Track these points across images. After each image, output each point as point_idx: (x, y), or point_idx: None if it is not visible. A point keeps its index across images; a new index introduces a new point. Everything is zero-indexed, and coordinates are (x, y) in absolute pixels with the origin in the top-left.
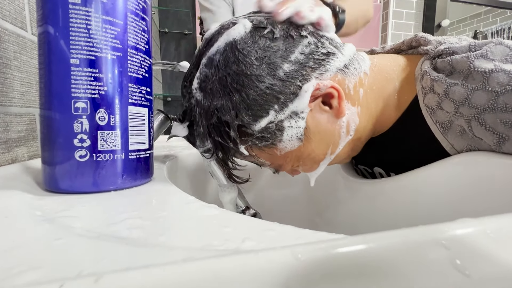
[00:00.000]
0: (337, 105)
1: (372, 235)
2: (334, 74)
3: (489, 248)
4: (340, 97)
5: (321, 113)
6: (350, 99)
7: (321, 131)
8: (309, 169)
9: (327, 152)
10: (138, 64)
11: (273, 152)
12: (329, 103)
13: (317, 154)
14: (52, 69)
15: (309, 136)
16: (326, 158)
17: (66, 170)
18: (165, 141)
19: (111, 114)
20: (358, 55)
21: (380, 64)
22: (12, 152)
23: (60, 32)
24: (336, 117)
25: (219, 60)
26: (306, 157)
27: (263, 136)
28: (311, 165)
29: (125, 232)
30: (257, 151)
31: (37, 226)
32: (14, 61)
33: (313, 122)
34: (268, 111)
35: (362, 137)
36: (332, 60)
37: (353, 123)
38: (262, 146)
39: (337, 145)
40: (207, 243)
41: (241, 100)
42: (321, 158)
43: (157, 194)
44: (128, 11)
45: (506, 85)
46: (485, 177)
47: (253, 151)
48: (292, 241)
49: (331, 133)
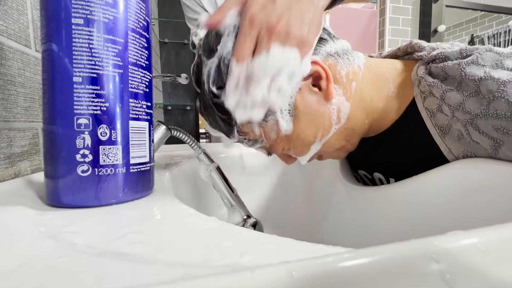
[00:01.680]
0: (325, 87)
1: (364, 250)
2: (325, 58)
3: (479, 261)
4: (328, 79)
5: (311, 94)
6: (342, 86)
7: (310, 111)
8: (299, 152)
9: (317, 135)
10: (139, 80)
11: (263, 130)
12: (319, 85)
13: (307, 135)
14: (56, 86)
15: (298, 115)
16: (316, 142)
17: (69, 185)
18: (166, 151)
19: (113, 129)
20: (353, 52)
21: (376, 64)
22: (15, 167)
23: (64, 51)
24: (325, 99)
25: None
26: (296, 138)
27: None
28: (301, 147)
29: (126, 248)
30: (249, 127)
31: (41, 243)
32: (18, 77)
33: (302, 101)
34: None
35: (356, 129)
36: (323, 45)
37: (344, 108)
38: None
39: (328, 130)
40: (206, 258)
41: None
42: (311, 140)
43: (158, 207)
44: (129, 30)
45: (495, 92)
46: (483, 184)
47: (246, 128)
48: (290, 255)
49: (320, 115)
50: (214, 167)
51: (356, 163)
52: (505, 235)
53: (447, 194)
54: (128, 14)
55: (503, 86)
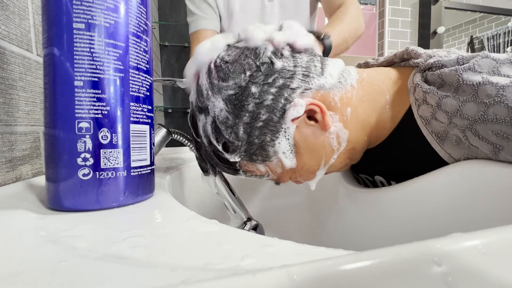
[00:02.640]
0: (321, 119)
1: (365, 253)
2: (316, 91)
3: (480, 264)
4: (323, 111)
5: (307, 128)
6: (337, 111)
7: (310, 144)
8: (306, 179)
9: (320, 163)
10: (139, 84)
11: (269, 168)
12: (314, 118)
13: (311, 166)
14: (57, 90)
15: (299, 150)
16: (321, 168)
17: (70, 188)
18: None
19: (114, 133)
20: (345, 70)
21: (370, 77)
22: (17, 171)
23: (65, 55)
24: (322, 130)
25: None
26: (300, 170)
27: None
28: (307, 175)
29: (127, 251)
30: (254, 167)
31: (42, 248)
32: (19, 81)
33: (301, 137)
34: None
35: (357, 147)
36: (314, 78)
37: (343, 134)
38: (257, 163)
39: (330, 156)
40: (207, 262)
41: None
42: (315, 169)
43: (159, 210)
44: (130, 34)
45: (494, 97)
46: (483, 185)
47: (251, 168)
48: (291, 258)
49: (321, 145)
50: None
51: (357, 168)
52: (506, 237)
53: (448, 195)
54: (129, 18)
55: (502, 91)
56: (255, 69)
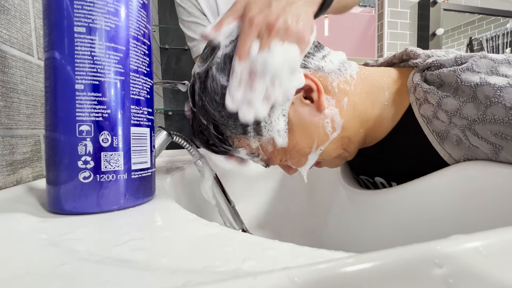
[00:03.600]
0: (317, 98)
1: (366, 255)
2: (315, 71)
3: (482, 265)
4: (319, 91)
5: (303, 106)
6: (334, 96)
7: (304, 123)
8: (297, 163)
9: (312, 145)
10: (140, 87)
11: (260, 145)
12: (310, 97)
13: (302, 147)
14: (58, 93)
15: (292, 128)
16: (312, 152)
17: (70, 191)
18: (167, 156)
19: (114, 136)
20: (346, 62)
21: (370, 72)
22: (17, 174)
23: (66, 58)
24: (317, 110)
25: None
26: (291, 150)
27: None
28: (298, 158)
29: (128, 255)
30: (246, 142)
31: (43, 251)
32: (20, 85)
33: (295, 114)
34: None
35: (352, 138)
36: (313, 58)
37: (338, 119)
38: (248, 136)
39: (323, 140)
40: (207, 264)
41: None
42: (306, 151)
43: (159, 213)
44: (130, 37)
45: (492, 97)
46: (484, 186)
47: (243, 143)
48: (292, 260)
49: (314, 126)
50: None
51: (357, 169)
52: (507, 239)
53: (448, 196)
54: (130, 22)
55: (499, 92)
56: None
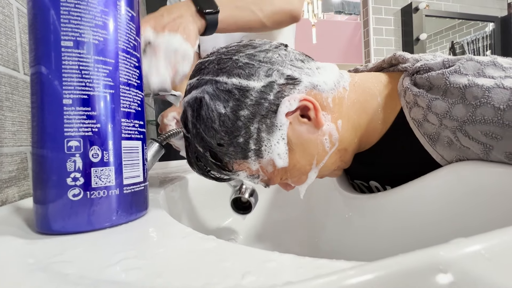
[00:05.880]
0: (315, 116)
1: (368, 266)
2: (310, 90)
3: (485, 269)
4: (316, 109)
5: (300, 125)
6: (330, 111)
7: (303, 142)
8: (297, 181)
9: (312, 162)
10: (131, 99)
11: (261, 166)
12: (307, 115)
13: (303, 165)
14: (45, 109)
15: (292, 147)
16: (313, 169)
17: (59, 210)
18: (160, 169)
19: (105, 150)
20: (338, 75)
21: (361, 80)
22: (3, 194)
23: (53, 73)
24: (316, 128)
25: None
26: (292, 169)
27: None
28: (299, 176)
29: (121, 276)
30: (246, 166)
31: (30, 277)
32: (6, 101)
33: (294, 134)
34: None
35: (348, 148)
36: (308, 77)
37: (335, 133)
38: (249, 161)
39: (323, 156)
40: (206, 282)
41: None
42: (307, 169)
43: (153, 228)
44: (120, 50)
45: (481, 98)
46: (477, 185)
47: (243, 167)
48: (293, 273)
49: (313, 143)
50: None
51: (351, 174)
52: (507, 240)
53: (442, 197)
54: (119, 35)
55: (487, 92)
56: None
